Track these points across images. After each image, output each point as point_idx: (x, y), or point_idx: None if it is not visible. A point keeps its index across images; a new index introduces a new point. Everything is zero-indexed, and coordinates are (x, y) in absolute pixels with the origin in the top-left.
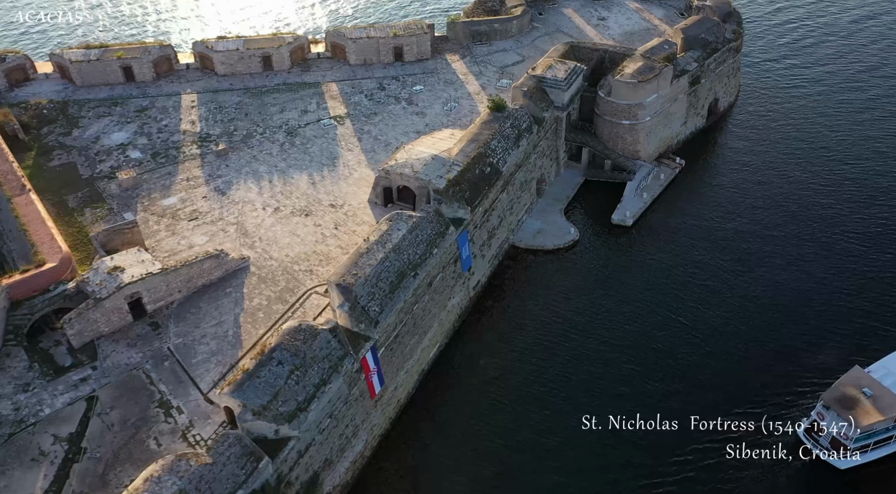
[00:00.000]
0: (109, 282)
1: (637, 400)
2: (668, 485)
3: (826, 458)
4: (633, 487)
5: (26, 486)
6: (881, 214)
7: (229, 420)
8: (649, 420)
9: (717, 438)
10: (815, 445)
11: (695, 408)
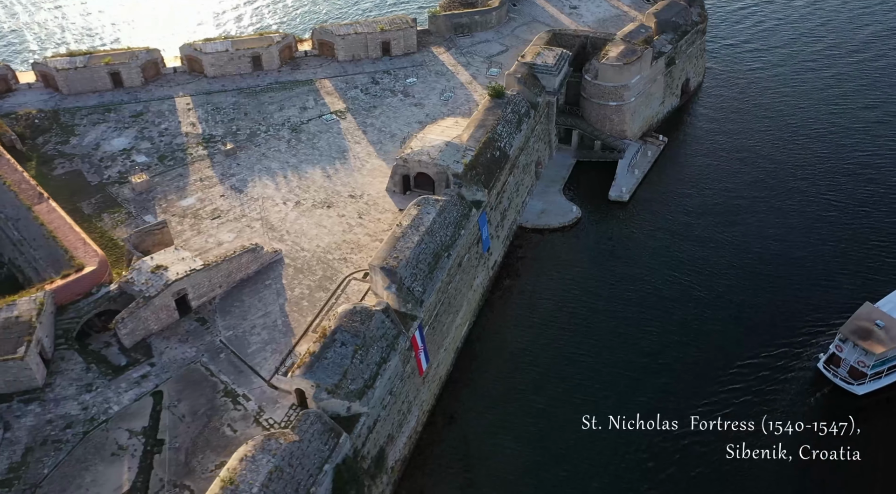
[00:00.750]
0: (155, 281)
1: (658, 349)
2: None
3: (845, 386)
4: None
5: (112, 479)
6: (847, 164)
7: (299, 403)
8: (674, 364)
9: (746, 370)
10: (834, 375)
11: (720, 349)
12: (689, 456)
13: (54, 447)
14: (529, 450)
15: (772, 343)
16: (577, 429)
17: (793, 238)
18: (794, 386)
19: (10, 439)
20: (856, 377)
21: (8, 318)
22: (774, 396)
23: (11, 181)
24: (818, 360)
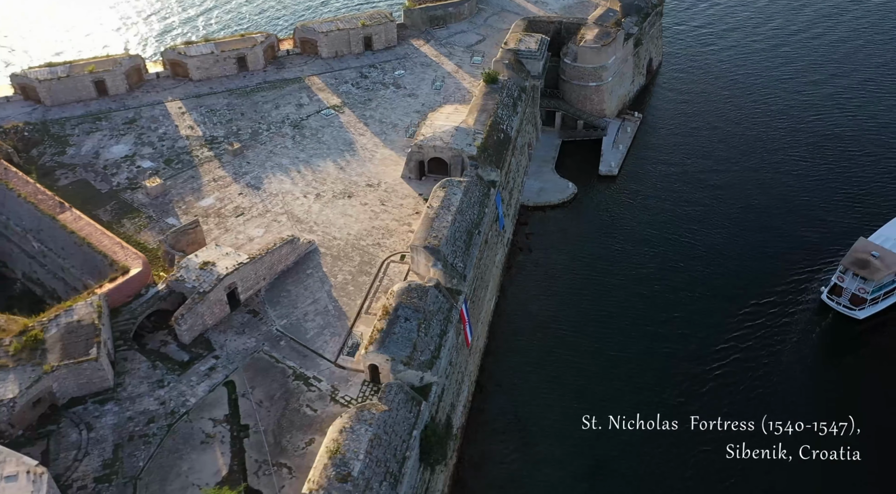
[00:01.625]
0: (207, 277)
1: (671, 304)
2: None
3: (847, 312)
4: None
5: (208, 465)
6: (805, 126)
7: (371, 379)
8: (689, 315)
9: (757, 308)
10: (836, 304)
11: (728, 297)
12: (714, 374)
13: (143, 441)
14: (574, 404)
15: (777, 283)
16: (614, 378)
17: (775, 192)
18: (802, 316)
19: (95, 438)
20: (856, 303)
21: (70, 323)
22: (786, 328)
23: (26, 192)
24: (821, 293)
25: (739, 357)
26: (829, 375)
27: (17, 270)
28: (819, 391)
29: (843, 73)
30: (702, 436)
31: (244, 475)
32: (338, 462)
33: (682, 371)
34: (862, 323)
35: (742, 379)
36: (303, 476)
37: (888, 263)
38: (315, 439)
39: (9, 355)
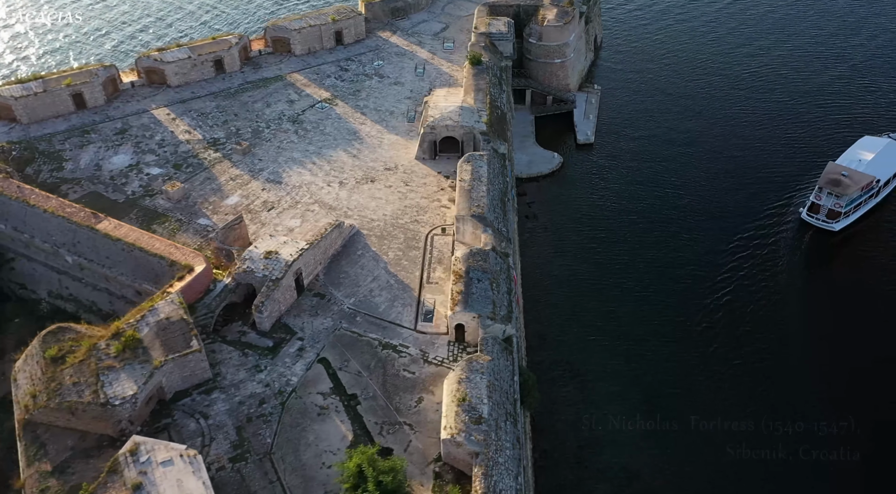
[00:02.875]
0: (274, 265)
1: (672, 243)
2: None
3: (825, 226)
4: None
5: (332, 433)
6: (744, 79)
7: (456, 338)
8: (687, 255)
9: (745, 234)
10: (815, 219)
11: (719, 232)
12: (725, 291)
13: (262, 421)
14: (616, 343)
15: (761, 210)
16: (643, 313)
17: (739, 139)
18: (787, 234)
19: (214, 424)
20: (832, 217)
21: (160, 321)
22: (775, 245)
23: (52, 207)
24: (800, 213)
25: (742, 274)
26: (814, 279)
27: (41, 290)
28: (808, 291)
29: (780, 30)
30: (721, 343)
31: (369, 436)
32: (467, 408)
33: (699, 294)
34: (837, 235)
35: (745, 292)
36: (423, 431)
37: (856, 180)
38: (423, 397)
39: (112, 357)
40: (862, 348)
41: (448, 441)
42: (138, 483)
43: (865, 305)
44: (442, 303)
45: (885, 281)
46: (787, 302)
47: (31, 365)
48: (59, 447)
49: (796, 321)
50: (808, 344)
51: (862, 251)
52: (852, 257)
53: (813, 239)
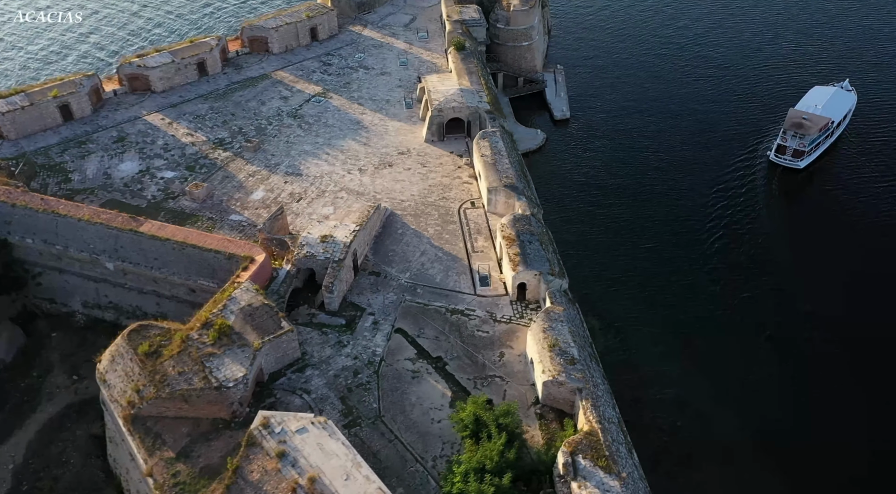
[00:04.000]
0: (333, 247)
1: (660, 194)
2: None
3: (791, 164)
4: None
5: (431, 393)
6: (694, 41)
7: (518, 298)
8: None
9: (723, 178)
10: (783, 159)
11: (699, 173)
12: (709, 225)
13: (362, 389)
14: (637, 293)
15: (733, 157)
16: (655, 266)
17: (702, 99)
18: (758, 174)
19: (318, 398)
20: (797, 156)
21: (243, 308)
22: (751, 184)
23: (87, 215)
24: (768, 155)
25: (728, 217)
26: (789, 211)
27: (75, 302)
28: (785, 222)
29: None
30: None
31: (466, 391)
32: (559, 352)
33: (697, 241)
34: (802, 172)
35: (734, 233)
36: (513, 380)
37: (815, 123)
38: (503, 352)
39: (210, 345)
40: (835, 264)
41: (549, 382)
42: (282, 450)
43: (832, 227)
44: (493, 268)
45: (844, 206)
46: (771, 234)
47: (123, 364)
48: (175, 435)
49: (781, 249)
50: (792, 266)
51: (823, 183)
52: (816, 189)
53: (782, 177)
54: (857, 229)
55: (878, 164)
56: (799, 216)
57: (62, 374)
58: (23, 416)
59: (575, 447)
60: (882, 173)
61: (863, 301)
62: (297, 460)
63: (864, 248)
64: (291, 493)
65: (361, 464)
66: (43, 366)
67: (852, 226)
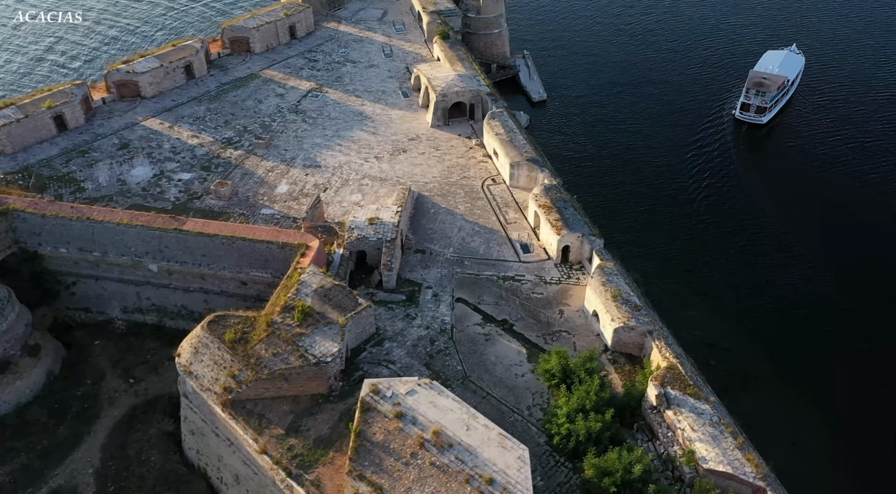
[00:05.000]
0: (383, 228)
1: (641, 151)
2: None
3: (755, 120)
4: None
5: (508, 351)
6: (655, 23)
7: (562, 260)
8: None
9: (695, 130)
10: (747, 116)
11: (673, 131)
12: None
13: (443, 354)
14: (639, 249)
15: (703, 117)
16: (652, 225)
17: (667, 69)
18: (726, 130)
19: (403, 367)
20: (760, 112)
21: (317, 290)
22: (721, 139)
23: (125, 218)
24: (734, 113)
25: (706, 174)
26: (756, 162)
27: (113, 309)
28: (755, 172)
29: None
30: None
31: (539, 347)
32: (623, 301)
33: (685, 197)
34: (764, 127)
35: (713, 186)
36: (579, 333)
37: (774, 81)
38: (562, 310)
39: (296, 325)
40: (800, 206)
41: (620, 328)
42: (399, 411)
43: (795, 174)
44: (529, 236)
45: (804, 156)
46: (743, 183)
47: (210, 353)
48: (278, 414)
49: (754, 196)
50: (765, 211)
51: (783, 136)
52: (777, 142)
53: (747, 132)
54: (816, 175)
55: (829, 117)
56: (765, 166)
57: (116, 379)
58: (88, 422)
59: (662, 380)
60: (833, 125)
61: (827, 241)
62: (416, 418)
63: (823, 191)
64: (420, 448)
65: (477, 415)
66: (95, 374)
67: (813, 172)
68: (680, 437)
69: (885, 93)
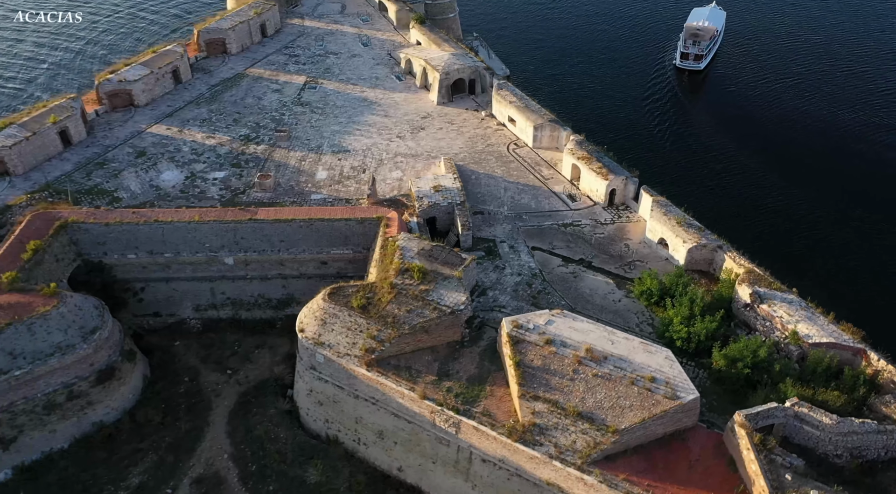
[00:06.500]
0: (450, 194)
1: (597, 94)
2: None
3: (694, 67)
4: None
5: (596, 283)
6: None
7: (609, 202)
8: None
9: (646, 77)
10: (686, 64)
11: (622, 77)
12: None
13: (544, 293)
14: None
15: (649, 67)
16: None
17: (601, 30)
18: (669, 77)
19: (514, 308)
20: (697, 60)
21: (420, 252)
22: (666, 85)
23: (195, 216)
24: (674, 62)
25: (658, 113)
26: (701, 102)
27: (184, 309)
28: (701, 110)
29: None
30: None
31: (622, 277)
32: (687, 225)
33: (645, 133)
34: (702, 72)
35: (665, 124)
36: (650, 260)
37: (707, 32)
38: (627, 244)
39: (419, 283)
40: (740, 138)
41: (694, 248)
42: (548, 338)
43: (732, 112)
44: (568, 188)
45: (737, 97)
46: (694, 119)
47: (341, 321)
48: (422, 363)
49: (700, 131)
50: (717, 143)
51: (718, 79)
52: (715, 84)
53: (688, 78)
54: (752, 108)
55: (753, 61)
56: (708, 105)
57: (212, 373)
58: (202, 414)
59: (748, 281)
60: (758, 67)
61: (769, 161)
62: (565, 341)
63: (761, 121)
64: (578, 364)
65: (614, 331)
66: (188, 371)
67: (748, 106)
68: (779, 324)
69: (798, 38)
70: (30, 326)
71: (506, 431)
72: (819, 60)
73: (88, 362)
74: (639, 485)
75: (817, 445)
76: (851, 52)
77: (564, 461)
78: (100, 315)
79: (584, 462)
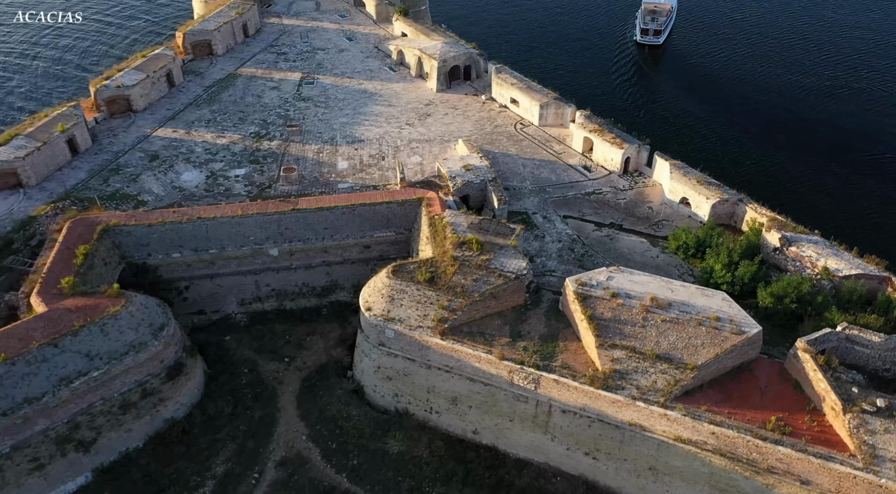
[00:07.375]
0: (480, 171)
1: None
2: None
3: (654, 41)
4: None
5: (631, 243)
6: None
7: (624, 170)
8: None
9: (611, 55)
10: (647, 39)
11: (590, 52)
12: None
13: (587, 255)
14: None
15: (611, 42)
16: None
17: (567, 14)
18: (630, 52)
19: (564, 271)
20: (657, 34)
21: (470, 226)
22: (629, 60)
23: (238, 211)
24: (634, 38)
25: (625, 84)
26: (664, 73)
27: (229, 304)
28: (665, 78)
29: None
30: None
31: (653, 236)
32: (706, 183)
33: (621, 102)
34: (661, 47)
35: (634, 94)
36: (675, 218)
37: (663, 9)
38: (649, 205)
39: (478, 254)
40: (704, 102)
41: (717, 203)
42: (613, 292)
43: (693, 78)
44: (581, 160)
45: (696, 67)
46: (659, 88)
47: (409, 295)
48: (493, 328)
49: (670, 100)
50: (680, 103)
51: (676, 52)
52: (673, 57)
53: (649, 52)
54: (711, 77)
55: (706, 34)
56: (669, 76)
57: (270, 363)
58: (271, 401)
59: (774, 226)
60: (711, 39)
61: (732, 122)
62: (629, 293)
63: (719, 87)
64: (646, 312)
65: (671, 281)
66: (245, 363)
67: (707, 75)
68: (808, 263)
69: (745, 8)
70: (102, 327)
71: (587, 380)
72: (767, 28)
73: (159, 359)
74: (720, 414)
75: (867, 362)
76: (792, 19)
77: (647, 400)
78: (164, 312)
79: (667, 399)
